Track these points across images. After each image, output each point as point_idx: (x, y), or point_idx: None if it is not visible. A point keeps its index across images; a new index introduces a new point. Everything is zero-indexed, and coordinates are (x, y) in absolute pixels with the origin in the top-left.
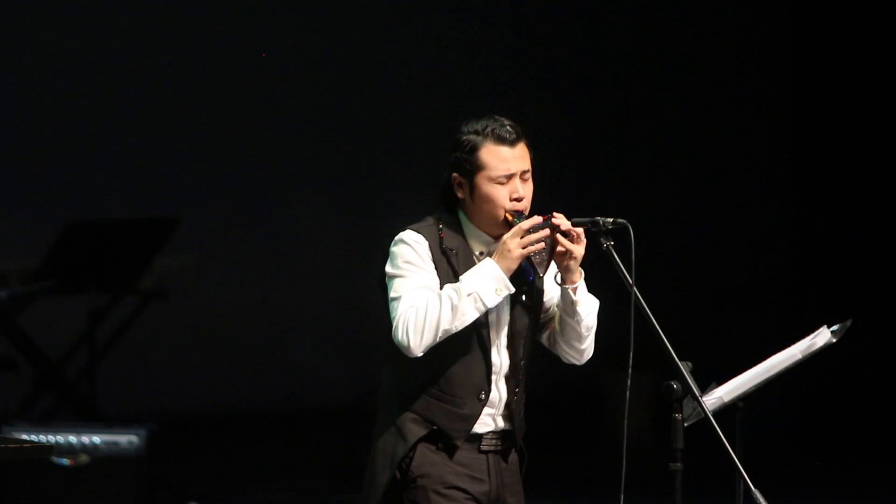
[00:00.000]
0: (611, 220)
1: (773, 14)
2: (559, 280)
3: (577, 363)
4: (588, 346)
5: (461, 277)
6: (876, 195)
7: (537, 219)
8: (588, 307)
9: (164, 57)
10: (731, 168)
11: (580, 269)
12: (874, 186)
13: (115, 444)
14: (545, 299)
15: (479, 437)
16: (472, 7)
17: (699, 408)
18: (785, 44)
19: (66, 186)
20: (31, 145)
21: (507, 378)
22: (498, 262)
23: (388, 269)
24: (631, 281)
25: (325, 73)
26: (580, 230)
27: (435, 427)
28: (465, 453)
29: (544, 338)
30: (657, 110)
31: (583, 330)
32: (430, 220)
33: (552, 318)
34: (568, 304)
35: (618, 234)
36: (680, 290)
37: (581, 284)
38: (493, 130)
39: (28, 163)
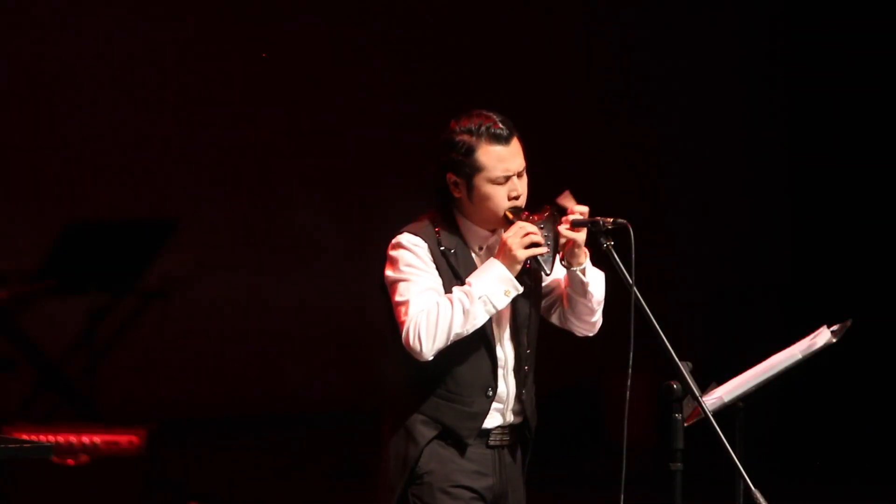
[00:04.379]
0: (611, 220)
1: (771, 16)
2: (565, 263)
3: (590, 334)
4: (598, 318)
5: (469, 279)
6: (874, 195)
7: (537, 235)
8: (597, 283)
9: (164, 57)
10: (731, 168)
11: (585, 249)
12: (872, 186)
13: (115, 444)
14: (543, 284)
15: (488, 432)
16: (471, 7)
17: (699, 408)
18: (783, 45)
19: (66, 186)
20: (31, 145)
21: (515, 371)
22: (503, 262)
23: (390, 273)
24: (631, 281)
25: (324, 72)
26: (581, 209)
27: (445, 427)
28: (472, 449)
29: (554, 318)
30: (657, 110)
31: (594, 305)
32: (425, 221)
33: (559, 299)
34: (578, 285)
35: (618, 234)
36: (680, 290)
37: (588, 264)
38: (487, 129)
39: (28, 163)
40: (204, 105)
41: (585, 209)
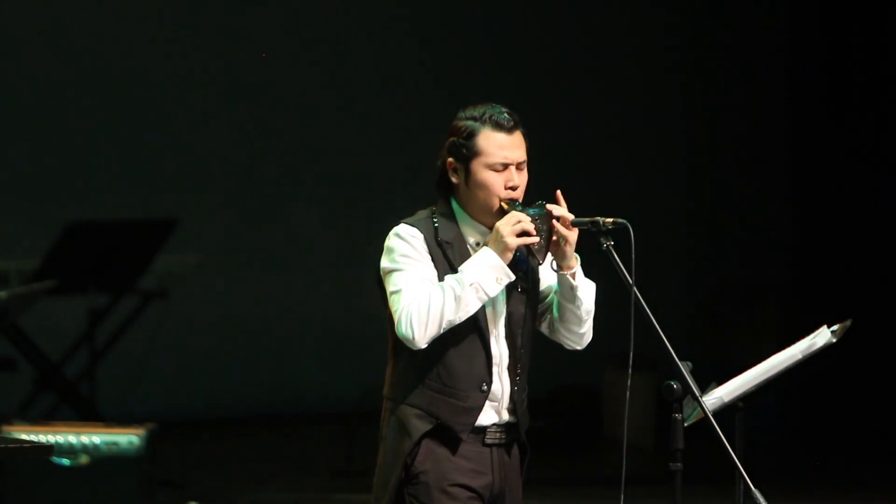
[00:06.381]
0: (611, 220)
1: (773, 14)
2: (555, 267)
3: (578, 348)
4: (587, 330)
5: (461, 267)
6: (875, 195)
7: (530, 225)
8: (586, 291)
9: (164, 57)
10: (731, 168)
11: (576, 254)
12: (874, 186)
13: (115, 444)
14: (541, 288)
15: (484, 429)
16: (472, 6)
17: (699, 408)
18: (785, 43)
19: (66, 186)
20: (31, 145)
21: (509, 369)
22: (494, 250)
23: (385, 263)
24: (631, 281)
25: (324, 73)
26: (569, 215)
27: (439, 422)
28: (468, 447)
29: (544, 326)
30: (657, 110)
31: (583, 314)
32: (423, 213)
33: (550, 306)
34: (567, 289)
35: (618, 234)
36: (680, 290)
37: (578, 269)
38: (490, 117)
39: (28, 163)
40: (204, 105)
41: (570, 217)
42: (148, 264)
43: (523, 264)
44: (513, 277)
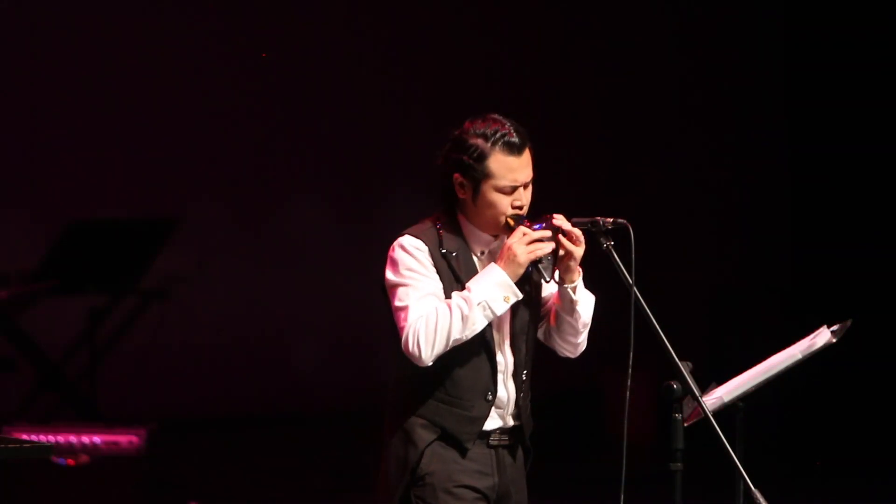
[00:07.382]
0: (611, 220)
1: (770, 14)
2: (557, 279)
3: (572, 356)
4: (583, 341)
5: (469, 285)
6: (874, 195)
7: (546, 233)
8: (586, 305)
9: (164, 57)
10: (731, 168)
11: (579, 268)
12: (873, 187)
13: (115, 444)
14: (542, 294)
15: (488, 433)
16: (472, 7)
17: (699, 408)
18: (782, 44)
19: (66, 186)
20: (31, 145)
21: (514, 376)
22: (505, 269)
23: (390, 276)
24: (631, 281)
25: (324, 73)
26: (580, 233)
27: (444, 431)
28: (473, 449)
29: (540, 332)
30: (657, 110)
31: (580, 326)
32: (428, 223)
33: (548, 314)
34: (567, 302)
35: (618, 234)
36: (680, 290)
37: (579, 283)
38: (502, 137)
39: (28, 163)
40: (204, 105)
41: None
42: (148, 264)
43: (527, 272)
44: (520, 296)
